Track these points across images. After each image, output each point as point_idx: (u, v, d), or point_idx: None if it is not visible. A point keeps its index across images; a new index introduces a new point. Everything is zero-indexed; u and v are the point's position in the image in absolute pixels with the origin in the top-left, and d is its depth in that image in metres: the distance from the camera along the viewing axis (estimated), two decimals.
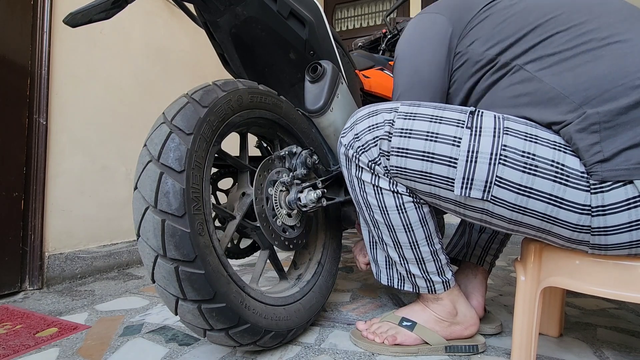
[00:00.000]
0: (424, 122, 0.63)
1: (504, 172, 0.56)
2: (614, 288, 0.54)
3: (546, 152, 0.55)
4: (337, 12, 3.43)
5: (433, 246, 0.72)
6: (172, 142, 0.61)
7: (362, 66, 1.35)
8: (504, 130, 0.57)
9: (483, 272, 0.92)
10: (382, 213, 0.70)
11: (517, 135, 0.56)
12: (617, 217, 0.51)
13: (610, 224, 0.51)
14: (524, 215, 0.57)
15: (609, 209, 0.51)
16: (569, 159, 0.54)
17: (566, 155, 0.54)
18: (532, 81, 0.60)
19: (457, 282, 0.92)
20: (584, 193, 0.52)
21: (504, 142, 0.56)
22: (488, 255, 0.92)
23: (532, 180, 0.55)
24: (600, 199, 0.51)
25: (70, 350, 0.78)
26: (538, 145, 0.55)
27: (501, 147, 0.56)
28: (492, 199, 0.58)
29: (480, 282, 0.91)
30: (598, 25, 0.58)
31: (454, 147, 0.59)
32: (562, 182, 0.53)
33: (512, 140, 0.56)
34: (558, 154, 0.54)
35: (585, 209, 0.53)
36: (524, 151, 0.55)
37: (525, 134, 0.56)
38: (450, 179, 0.60)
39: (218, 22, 0.88)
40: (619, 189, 0.50)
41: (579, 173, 0.53)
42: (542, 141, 0.56)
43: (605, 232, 0.52)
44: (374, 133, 0.66)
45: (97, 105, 1.44)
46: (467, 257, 0.93)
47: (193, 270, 0.59)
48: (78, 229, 1.36)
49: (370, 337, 0.79)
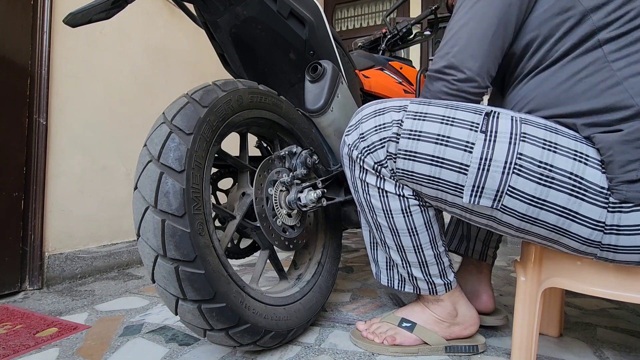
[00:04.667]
0: (434, 124, 0.59)
1: (518, 182, 0.53)
2: (615, 289, 0.54)
3: (565, 162, 0.52)
4: (337, 12, 3.43)
5: (437, 249, 0.70)
6: (172, 142, 0.61)
7: (362, 66, 1.35)
8: (521, 137, 0.53)
9: (487, 266, 0.92)
10: (386, 216, 0.68)
11: (534, 142, 0.53)
12: (631, 240, 0.49)
13: (622, 244, 0.50)
14: (533, 225, 0.55)
15: (624, 230, 0.49)
16: (589, 172, 0.51)
17: (586, 168, 0.51)
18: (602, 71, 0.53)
19: (462, 279, 0.92)
20: (600, 209, 0.50)
21: (520, 150, 0.53)
22: (489, 249, 0.91)
23: (546, 193, 0.52)
24: (616, 219, 0.49)
25: (70, 350, 0.78)
26: (557, 154, 0.52)
27: (517, 156, 0.53)
28: (501, 208, 0.56)
29: (486, 276, 0.91)
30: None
31: (466, 152, 0.56)
32: (579, 196, 0.51)
33: (529, 148, 0.53)
34: (578, 166, 0.51)
35: (599, 225, 0.50)
36: (541, 161, 0.52)
37: (543, 142, 0.53)
38: (459, 186, 0.57)
39: (218, 22, 0.88)
40: (639, 212, 0.48)
41: (598, 188, 0.50)
42: (562, 150, 0.52)
43: (615, 250, 0.51)
44: (381, 134, 0.63)
45: (97, 105, 1.44)
46: (469, 253, 0.92)
47: (193, 270, 0.59)
48: (78, 229, 1.36)
49: (369, 337, 0.79)
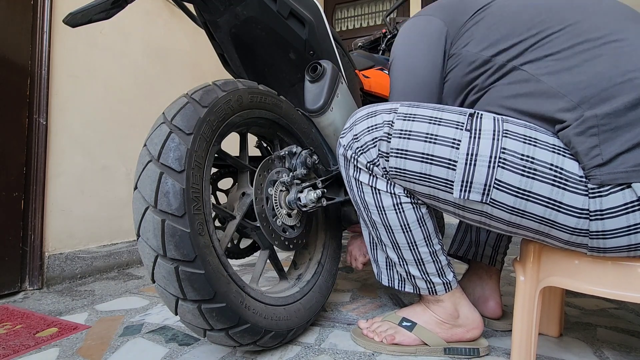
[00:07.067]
0: (423, 124, 0.63)
1: (503, 175, 0.56)
2: (614, 288, 0.54)
3: (545, 155, 0.55)
4: (337, 12, 3.43)
5: (432, 247, 0.71)
6: (172, 142, 0.62)
7: (362, 66, 1.35)
8: (503, 133, 0.57)
9: (496, 272, 0.92)
10: (379, 213, 0.70)
11: (516, 138, 0.56)
12: (616, 222, 0.51)
13: (609, 228, 0.51)
14: (523, 218, 0.57)
15: (607, 213, 0.51)
16: (568, 163, 0.54)
17: (565, 159, 0.54)
18: (530, 81, 0.59)
19: (471, 284, 0.93)
20: (583, 197, 0.52)
21: (503, 145, 0.56)
22: (499, 254, 0.92)
23: (531, 184, 0.54)
24: (598, 203, 0.51)
25: (70, 350, 0.78)
26: (537, 148, 0.55)
27: (500, 150, 0.56)
28: (491, 202, 0.58)
29: (495, 282, 0.92)
30: (593, 24, 0.57)
31: (453, 149, 0.59)
32: (561, 186, 0.53)
33: (511, 143, 0.56)
34: (557, 158, 0.54)
35: (583, 213, 0.52)
36: (523, 154, 0.55)
37: (524, 137, 0.56)
38: (449, 181, 0.60)
39: (218, 22, 0.88)
40: (616, 193, 0.50)
41: (577, 177, 0.53)
42: (542, 144, 0.55)
43: (604, 236, 0.52)
44: (373, 134, 0.66)
45: (97, 105, 1.44)
46: (478, 258, 0.92)
47: (193, 270, 0.59)
48: (78, 229, 1.37)
49: (370, 335, 0.79)
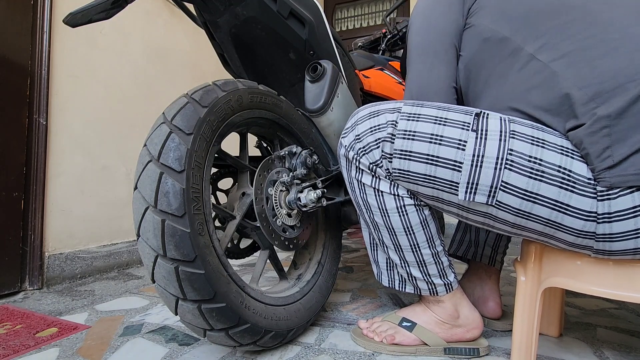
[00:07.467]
0: (428, 124, 0.61)
1: (510, 177, 0.55)
2: (615, 288, 0.54)
3: (553, 157, 0.53)
4: (337, 12, 3.43)
5: (434, 248, 0.71)
6: (172, 142, 0.61)
7: (362, 66, 1.35)
8: (510, 134, 0.56)
9: (496, 272, 0.92)
10: (382, 215, 0.69)
11: (524, 139, 0.55)
12: (623, 225, 0.50)
13: (616, 231, 0.51)
14: (528, 220, 0.56)
15: (615, 216, 0.50)
16: (576, 165, 0.53)
17: (573, 161, 0.53)
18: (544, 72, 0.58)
19: (471, 284, 0.92)
20: (591, 200, 0.51)
21: (511, 146, 0.55)
22: (498, 254, 0.91)
23: (538, 186, 0.53)
24: (606, 206, 0.50)
25: (70, 350, 0.78)
26: (545, 150, 0.54)
27: (507, 152, 0.55)
28: (496, 204, 0.57)
29: (495, 282, 0.91)
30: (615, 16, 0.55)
31: (459, 150, 0.58)
32: (569, 189, 0.52)
33: (518, 144, 0.55)
34: (565, 160, 0.53)
35: (591, 215, 0.52)
36: (531, 156, 0.54)
37: (532, 138, 0.55)
38: (454, 183, 0.59)
39: (218, 22, 0.88)
40: (626, 196, 0.49)
41: (585, 179, 0.52)
42: (550, 145, 0.54)
43: (610, 239, 0.51)
44: (376, 135, 0.65)
45: (97, 105, 1.44)
46: (478, 258, 0.92)
47: (193, 270, 0.59)
48: (78, 229, 1.36)
49: (370, 335, 0.79)
